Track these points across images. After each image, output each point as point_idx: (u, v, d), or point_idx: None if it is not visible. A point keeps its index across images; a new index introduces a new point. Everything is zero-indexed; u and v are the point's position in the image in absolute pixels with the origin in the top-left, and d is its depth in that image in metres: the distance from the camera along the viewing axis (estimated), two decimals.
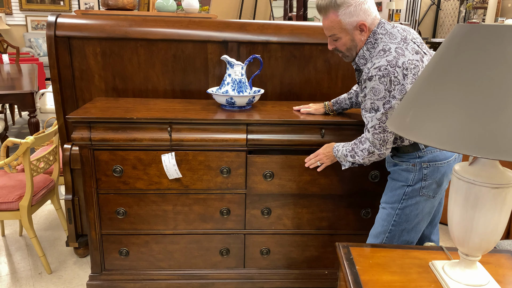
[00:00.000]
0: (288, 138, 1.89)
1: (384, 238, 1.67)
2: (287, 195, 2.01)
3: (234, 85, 2.02)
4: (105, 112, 1.90)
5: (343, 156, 1.69)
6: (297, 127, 1.91)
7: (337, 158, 1.72)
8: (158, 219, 2.02)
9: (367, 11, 1.54)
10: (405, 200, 1.62)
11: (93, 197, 1.96)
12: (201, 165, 1.94)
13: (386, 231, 1.66)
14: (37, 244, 2.29)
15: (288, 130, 1.86)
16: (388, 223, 1.65)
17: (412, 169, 1.60)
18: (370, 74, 1.49)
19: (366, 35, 1.57)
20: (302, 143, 1.90)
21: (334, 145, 1.74)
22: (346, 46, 1.60)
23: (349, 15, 1.52)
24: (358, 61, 1.62)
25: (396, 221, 1.64)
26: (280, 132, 1.92)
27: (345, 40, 1.58)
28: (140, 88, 2.33)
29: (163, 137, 1.88)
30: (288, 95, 2.38)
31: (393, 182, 1.67)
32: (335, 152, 1.72)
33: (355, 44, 1.59)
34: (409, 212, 1.63)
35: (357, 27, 1.54)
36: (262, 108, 2.09)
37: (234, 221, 2.04)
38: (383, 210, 1.69)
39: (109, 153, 1.91)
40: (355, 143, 1.64)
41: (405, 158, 1.62)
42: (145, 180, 1.95)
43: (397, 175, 1.64)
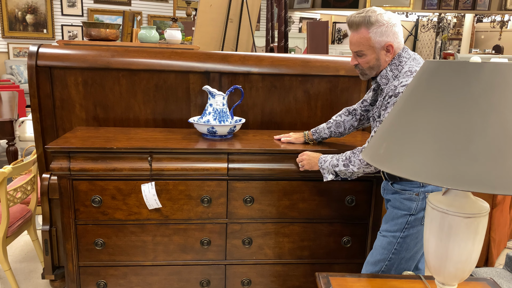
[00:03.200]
0: (269, 167, 1.91)
1: (383, 266, 1.66)
2: (268, 224, 2.01)
3: (215, 115, 2.05)
4: (85, 142, 1.90)
5: (330, 167, 1.70)
6: (278, 156, 1.94)
7: (320, 168, 1.74)
8: (137, 250, 1.99)
9: (396, 34, 1.61)
10: (407, 229, 1.62)
11: (71, 228, 1.92)
12: (181, 195, 1.94)
13: (386, 259, 1.65)
14: (11, 277, 2.22)
15: (269, 159, 1.88)
16: (388, 251, 1.65)
17: (415, 198, 1.60)
18: (397, 91, 1.54)
19: (391, 57, 1.62)
20: (282, 171, 1.92)
21: (321, 156, 1.76)
22: (369, 64, 1.64)
23: (379, 34, 1.58)
24: (380, 80, 1.66)
25: (397, 249, 1.63)
26: (261, 161, 1.93)
27: (370, 58, 1.62)
28: (122, 117, 2.34)
29: (143, 166, 1.87)
30: (269, 124, 2.42)
31: (394, 210, 1.66)
32: (321, 162, 1.74)
33: (379, 64, 1.63)
34: (410, 241, 1.63)
35: (384, 47, 1.60)
36: (244, 137, 2.11)
37: (215, 251, 2.02)
38: (383, 238, 1.67)
39: (88, 183, 1.89)
40: (353, 152, 1.65)
41: (408, 187, 1.61)
42: (124, 210, 1.93)
43: (399, 203, 1.63)
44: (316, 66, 2.35)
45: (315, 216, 2.02)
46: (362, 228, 2.05)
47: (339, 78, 2.38)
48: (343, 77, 2.38)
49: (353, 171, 1.65)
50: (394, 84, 1.57)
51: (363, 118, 1.92)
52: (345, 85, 2.39)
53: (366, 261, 1.72)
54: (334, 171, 1.70)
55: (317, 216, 2.02)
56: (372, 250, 1.70)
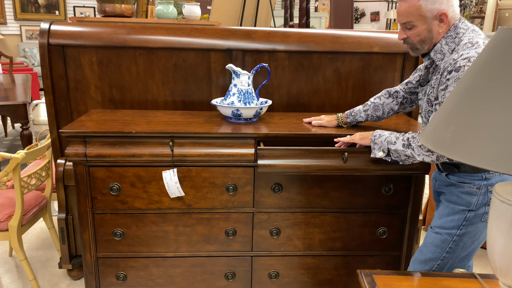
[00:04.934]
0: (304, 163, 1.75)
1: (435, 266, 1.49)
2: (298, 213, 1.86)
3: (240, 96, 1.89)
4: (101, 126, 1.76)
5: (385, 143, 1.51)
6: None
7: (372, 142, 1.56)
8: (159, 240, 1.87)
9: (450, 1, 1.41)
10: (465, 227, 1.45)
11: (88, 218, 1.81)
12: (205, 182, 1.80)
13: (438, 258, 1.49)
14: (27, 267, 2.13)
15: (305, 155, 1.71)
16: (441, 250, 1.48)
17: (476, 192, 1.42)
18: (457, 65, 1.34)
19: (445, 28, 1.43)
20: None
21: (377, 130, 1.58)
22: (420, 37, 1.45)
23: (431, 1, 1.39)
24: (434, 56, 1.46)
25: (451, 248, 1.47)
26: (293, 151, 1.78)
27: (421, 29, 1.43)
28: (139, 99, 2.20)
29: (164, 152, 1.74)
30: (296, 106, 2.25)
31: (450, 205, 1.48)
32: (375, 136, 1.56)
33: (431, 36, 1.44)
34: (467, 239, 1.46)
35: (437, 16, 1.41)
36: (270, 120, 1.95)
37: (240, 242, 1.89)
38: (436, 235, 1.50)
39: (106, 170, 1.77)
40: (413, 136, 1.46)
41: (468, 179, 1.44)
42: (145, 199, 1.81)
43: (456, 198, 1.46)
44: (348, 43, 2.16)
45: (349, 206, 1.87)
46: (399, 219, 1.90)
47: (373, 56, 2.20)
48: (377, 55, 2.19)
49: (411, 155, 1.46)
50: (452, 57, 1.37)
51: (405, 102, 1.74)
52: (379, 63, 2.21)
53: (414, 258, 1.56)
54: (388, 148, 1.51)
55: (350, 206, 1.87)
56: (422, 247, 1.54)
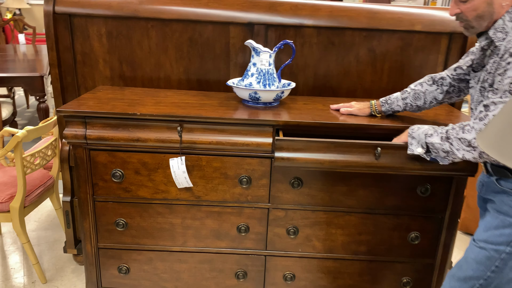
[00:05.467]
0: (331, 158, 1.53)
1: (476, 285, 1.26)
2: (319, 212, 1.66)
3: (259, 77, 1.67)
4: (104, 105, 1.59)
5: (422, 136, 1.31)
6: (343, 144, 1.56)
7: (409, 136, 1.35)
8: (165, 233, 1.71)
9: None
10: None
11: (88, 205, 1.66)
12: (216, 173, 1.61)
13: (481, 278, 1.25)
14: (30, 251, 2.02)
15: (331, 148, 1.48)
16: (486, 268, 1.24)
17: None
18: None
19: (510, 1, 1.18)
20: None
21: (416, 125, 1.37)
22: (476, 12, 1.21)
23: None
24: (494, 35, 1.21)
25: (498, 267, 1.23)
26: (318, 150, 1.56)
27: (478, 2, 1.19)
28: (151, 76, 2.01)
29: (171, 138, 1.55)
30: (323, 89, 2.01)
31: (500, 216, 1.24)
32: (413, 129, 1.35)
33: (491, 10, 1.19)
34: None
35: None
36: (292, 106, 1.73)
37: (253, 240, 1.71)
38: (480, 250, 1.27)
39: (108, 154, 1.60)
40: (453, 128, 1.23)
41: None
42: (150, 188, 1.64)
43: (508, 208, 1.22)
44: (386, 19, 1.89)
45: (378, 206, 1.65)
46: (435, 223, 1.67)
47: (414, 35, 1.92)
48: (419, 34, 1.91)
49: (450, 149, 1.23)
50: None
51: (452, 91, 1.48)
52: (421, 43, 1.93)
53: (452, 274, 1.33)
54: (426, 143, 1.29)
55: (380, 206, 1.65)
56: (461, 262, 1.30)
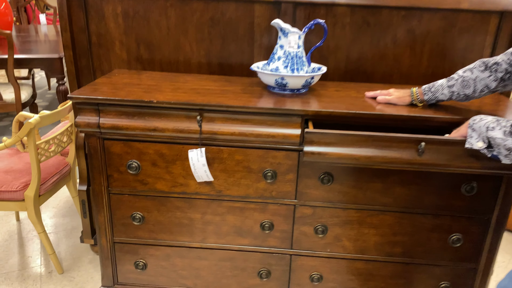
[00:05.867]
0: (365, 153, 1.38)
1: None
2: (351, 210, 1.52)
3: (287, 61, 1.52)
4: (118, 91, 1.47)
5: (483, 128, 1.17)
6: (382, 138, 1.40)
7: (469, 128, 1.20)
8: (183, 228, 1.60)
9: None
10: None
11: (103, 198, 1.56)
12: (238, 166, 1.49)
13: None
14: (46, 241, 1.96)
15: (368, 142, 1.32)
16: None
17: None
18: None
19: None
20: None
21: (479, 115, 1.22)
22: None
23: None
24: None
25: None
26: (353, 144, 1.41)
27: None
28: (170, 59, 1.87)
29: (191, 128, 1.43)
30: (356, 74, 1.84)
31: None
32: (475, 120, 1.20)
33: None
34: None
35: None
36: (323, 93, 1.58)
37: (278, 238, 1.59)
38: None
39: (123, 144, 1.49)
40: None
41: None
42: (168, 181, 1.53)
43: None
44: None
45: (416, 205, 1.49)
46: (480, 225, 1.51)
47: (459, 14, 1.72)
48: (465, 12, 1.71)
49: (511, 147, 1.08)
50: None
51: (508, 78, 1.30)
52: (467, 23, 1.73)
53: (503, 286, 1.18)
54: (487, 137, 1.14)
55: (418, 205, 1.49)
56: None
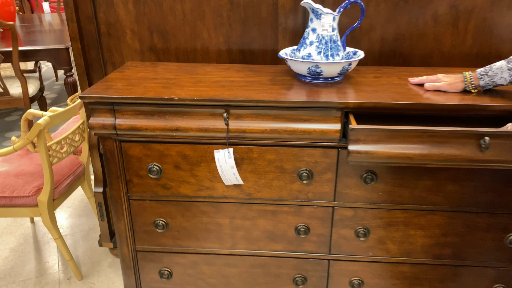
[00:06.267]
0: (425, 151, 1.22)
1: None
2: (396, 211, 1.37)
3: (320, 46, 1.35)
4: (134, 88, 1.32)
5: None
6: (438, 133, 1.24)
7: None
8: (211, 234, 1.47)
9: None
10: None
11: (122, 204, 1.44)
12: (270, 166, 1.34)
13: None
14: (62, 246, 1.85)
15: (422, 138, 1.16)
16: None
17: None
18: None
19: None
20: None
21: None
22: None
23: None
24: None
25: None
26: (405, 140, 1.26)
27: None
28: (186, 47, 1.72)
29: (216, 126, 1.28)
30: (391, 56, 1.67)
31: None
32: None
33: None
34: None
35: None
36: (360, 80, 1.41)
37: (314, 242, 1.45)
38: None
39: (142, 146, 1.35)
40: None
41: None
42: (193, 184, 1.39)
43: None
44: None
45: (470, 203, 1.34)
46: None
47: None
48: None
49: None
50: None
51: None
52: None
53: None
54: None
55: (472, 203, 1.34)
56: None
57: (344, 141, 1.27)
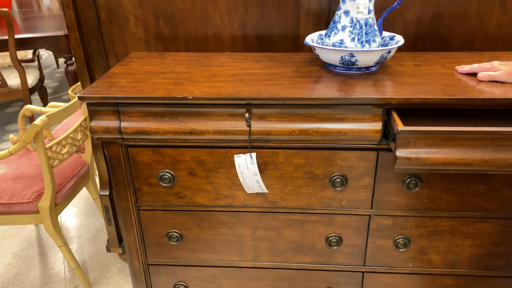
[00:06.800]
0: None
1: None
2: (442, 218, 1.21)
3: (355, 31, 1.17)
4: (141, 85, 1.15)
5: None
6: (502, 134, 1.06)
7: None
8: (231, 246, 1.32)
9: None
10: None
11: (131, 215, 1.28)
12: (298, 172, 1.17)
13: None
14: (68, 255, 1.71)
15: (484, 141, 0.98)
16: None
17: None
18: None
19: None
20: None
21: None
22: None
23: None
24: None
25: None
26: (463, 144, 1.08)
27: None
28: (196, 34, 1.53)
29: (237, 127, 1.11)
30: (428, 40, 1.48)
31: None
32: None
33: None
34: None
35: None
36: (400, 70, 1.23)
37: (347, 253, 1.29)
38: None
39: (152, 152, 1.19)
40: None
41: None
42: (210, 192, 1.23)
43: None
44: None
45: None
46: None
47: None
48: None
49: None
50: None
51: None
52: None
53: None
54: None
55: None
56: None
57: (384, 142, 1.10)
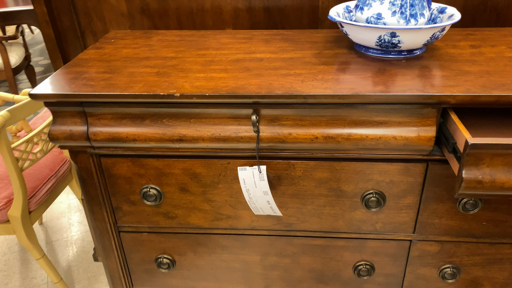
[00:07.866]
0: None
1: None
2: (502, 245, 0.95)
3: (397, 2, 0.88)
4: (115, 77, 0.87)
5: None
6: None
7: None
8: (235, 274, 1.07)
9: None
10: None
11: (110, 238, 1.03)
12: (321, 188, 0.91)
13: None
14: (47, 268, 1.48)
15: None
16: None
17: None
18: None
19: None
20: None
21: None
22: None
23: None
24: None
25: None
26: None
27: None
28: (190, 7, 1.24)
29: (240, 133, 0.84)
30: (480, 12, 1.18)
31: None
32: None
33: None
34: None
35: None
36: (453, 53, 0.94)
37: (381, 284, 1.04)
38: None
39: (132, 162, 0.92)
40: None
41: None
42: (207, 212, 0.97)
43: None
44: None
45: None
46: None
47: None
48: None
49: None
50: None
51: None
52: None
53: None
54: None
55: None
56: None
57: (437, 152, 0.83)
